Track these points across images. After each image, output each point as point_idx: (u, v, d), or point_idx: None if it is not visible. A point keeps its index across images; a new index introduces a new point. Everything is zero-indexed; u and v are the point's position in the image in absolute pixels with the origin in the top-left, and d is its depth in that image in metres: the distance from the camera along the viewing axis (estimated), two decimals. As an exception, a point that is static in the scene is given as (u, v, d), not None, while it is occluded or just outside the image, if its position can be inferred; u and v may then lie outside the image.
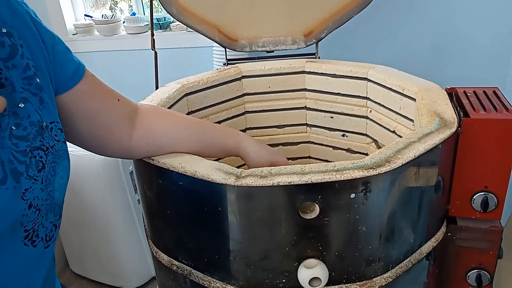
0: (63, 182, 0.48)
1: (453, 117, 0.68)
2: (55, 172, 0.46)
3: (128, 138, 0.61)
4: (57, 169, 0.47)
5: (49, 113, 0.47)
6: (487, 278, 0.75)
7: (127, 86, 1.81)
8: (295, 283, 0.60)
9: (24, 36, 0.46)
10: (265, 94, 1.02)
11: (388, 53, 1.52)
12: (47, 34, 0.50)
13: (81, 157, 1.33)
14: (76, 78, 0.53)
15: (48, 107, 0.47)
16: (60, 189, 0.48)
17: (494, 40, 1.42)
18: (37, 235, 0.45)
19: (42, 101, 0.47)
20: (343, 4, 1.00)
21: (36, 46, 0.48)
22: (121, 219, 1.44)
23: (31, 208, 0.43)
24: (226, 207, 0.58)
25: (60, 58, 0.52)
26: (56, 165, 0.47)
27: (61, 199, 0.49)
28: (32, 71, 0.46)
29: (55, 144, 0.47)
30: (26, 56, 0.46)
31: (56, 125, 0.48)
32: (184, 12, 1.00)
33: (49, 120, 0.47)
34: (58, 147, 0.47)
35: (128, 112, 0.61)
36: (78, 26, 1.89)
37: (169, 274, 0.71)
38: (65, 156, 0.49)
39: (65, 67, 0.52)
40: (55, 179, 0.46)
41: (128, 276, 1.55)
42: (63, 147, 0.49)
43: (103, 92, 0.58)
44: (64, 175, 0.48)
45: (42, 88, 0.47)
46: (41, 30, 0.49)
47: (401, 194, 0.60)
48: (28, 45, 0.47)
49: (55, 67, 0.51)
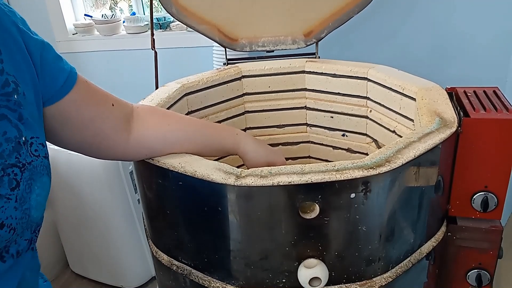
0: (41, 199, 0.46)
1: (453, 117, 0.68)
2: (31, 189, 0.45)
3: (124, 143, 0.60)
4: (34, 186, 0.45)
5: (30, 128, 0.46)
6: (487, 278, 0.75)
7: (127, 86, 1.82)
8: (295, 283, 0.60)
9: (8, 49, 0.45)
10: (265, 94, 1.02)
11: (388, 53, 1.52)
12: (35, 44, 0.49)
13: (81, 157, 1.32)
14: (66, 87, 0.52)
15: (28, 122, 0.46)
16: (37, 207, 0.46)
17: (494, 39, 1.42)
18: (7, 251, 0.44)
19: (21, 117, 0.45)
20: (343, 4, 1.00)
21: (21, 58, 0.46)
22: (121, 219, 1.44)
23: (4, 227, 0.41)
24: (226, 207, 0.58)
25: (49, 68, 0.50)
26: (33, 182, 0.45)
27: (39, 217, 0.47)
28: (11, 87, 0.44)
29: (33, 160, 0.45)
30: (6, 71, 0.44)
31: (36, 140, 0.47)
32: (184, 12, 1.00)
33: (29, 135, 0.46)
34: (36, 163, 0.46)
35: (123, 116, 0.60)
36: (78, 26, 1.89)
37: (169, 274, 0.71)
38: (45, 172, 0.47)
39: (55, 77, 0.51)
40: (32, 197, 0.45)
41: (128, 276, 1.54)
42: (43, 163, 0.47)
43: (97, 99, 0.57)
44: (42, 192, 0.46)
45: (21, 105, 0.45)
46: (28, 41, 0.48)
47: (401, 194, 0.60)
48: (12, 58, 0.45)
49: (44, 78, 0.50)
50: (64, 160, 1.36)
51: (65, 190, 1.42)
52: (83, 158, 1.36)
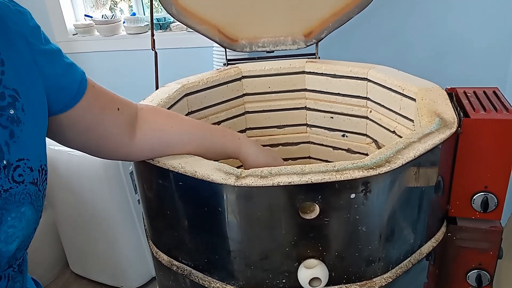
0: (16, 231, 0.42)
1: (453, 117, 0.68)
2: (1, 220, 0.40)
3: (127, 145, 0.61)
4: (6, 217, 0.41)
5: (19, 148, 0.42)
6: (487, 278, 0.75)
7: (127, 87, 1.81)
8: (295, 283, 0.60)
9: (11, 61, 0.43)
10: (265, 94, 1.02)
11: (388, 53, 1.52)
12: (45, 56, 0.48)
13: (81, 157, 1.33)
14: (77, 96, 0.52)
15: (20, 141, 0.43)
16: (7, 240, 0.41)
17: (494, 40, 1.42)
18: None
19: (13, 135, 0.42)
20: (343, 4, 1.00)
21: (25, 72, 0.45)
22: (121, 219, 1.44)
23: None
24: (226, 207, 0.58)
25: (61, 80, 0.50)
26: (6, 212, 0.41)
27: (12, 250, 0.42)
28: (7, 101, 0.42)
29: (11, 187, 0.41)
30: (4, 84, 0.42)
31: (26, 162, 0.43)
32: (184, 12, 1.00)
33: (16, 157, 0.42)
34: (16, 190, 0.42)
35: (128, 119, 0.60)
36: (78, 26, 1.89)
37: (169, 274, 0.71)
38: (26, 201, 0.42)
39: (67, 88, 0.51)
40: (1, 229, 0.40)
41: (128, 276, 1.55)
42: (26, 191, 0.42)
43: (103, 103, 0.57)
44: (18, 224, 0.42)
45: (16, 121, 0.42)
46: (38, 54, 0.47)
47: (401, 194, 0.60)
48: (15, 71, 0.43)
49: (56, 91, 0.49)
50: (64, 160, 1.36)
51: (65, 190, 1.42)
52: (83, 158, 1.37)
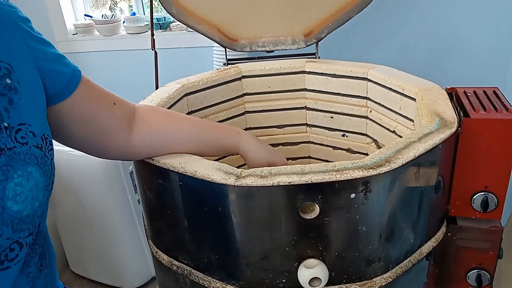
0: (24, 190, 0.43)
1: (453, 117, 0.68)
2: (7, 176, 0.42)
3: (126, 141, 0.60)
4: (12, 173, 0.42)
5: (19, 114, 0.44)
6: (487, 278, 0.75)
7: (127, 86, 1.81)
8: (295, 283, 0.60)
9: (2, 38, 0.45)
10: (265, 94, 1.02)
11: (388, 53, 1.52)
12: (36, 40, 0.49)
13: (81, 157, 1.33)
14: (72, 85, 0.52)
15: (20, 108, 0.44)
16: (16, 198, 0.42)
17: (494, 40, 1.42)
18: None
19: (11, 102, 0.44)
20: (343, 4, 1.00)
21: (16, 51, 0.46)
22: (121, 219, 1.44)
23: None
24: (226, 207, 0.58)
25: (54, 65, 0.50)
26: (11, 168, 0.42)
27: (24, 212, 0.43)
28: (2, 72, 0.44)
29: (15, 146, 0.43)
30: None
31: (28, 127, 0.45)
32: (184, 12, 1.00)
33: (17, 121, 0.44)
34: (20, 150, 0.43)
35: (125, 115, 0.60)
36: (78, 26, 1.89)
37: (169, 274, 0.71)
38: (32, 162, 0.44)
39: (60, 74, 0.51)
40: (7, 185, 0.42)
41: (128, 276, 1.54)
42: (30, 152, 0.44)
43: (99, 97, 0.57)
44: (26, 183, 0.43)
45: (13, 89, 0.44)
46: (29, 37, 0.48)
47: (401, 194, 0.60)
48: (6, 48, 0.45)
49: (49, 75, 0.49)
50: (64, 160, 1.36)
51: (65, 190, 1.42)
52: (83, 158, 1.37)
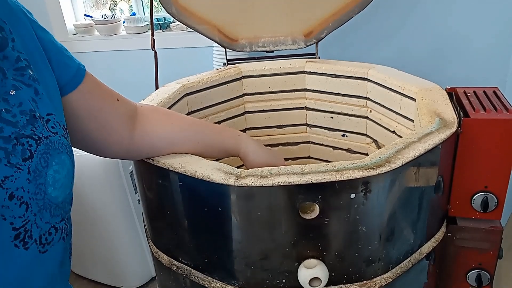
0: (60, 177, 0.45)
1: (453, 117, 0.68)
2: (47, 164, 0.43)
3: (128, 138, 0.61)
4: (51, 161, 0.44)
5: (45, 105, 0.46)
6: (487, 278, 0.75)
7: (127, 86, 1.81)
8: (295, 283, 0.60)
9: (18, 32, 0.46)
10: (265, 94, 1.02)
11: (388, 53, 1.52)
12: (43, 32, 0.50)
13: (81, 157, 1.32)
14: (78, 77, 0.53)
15: (44, 98, 0.46)
16: (55, 185, 0.44)
17: (494, 40, 1.42)
18: (31, 236, 0.42)
19: (37, 92, 0.45)
20: (343, 4, 1.00)
21: (30, 42, 0.47)
22: (121, 219, 1.44)
23: (13, 199, 0.40)
24: (226, 207, 0.58)
25: (61, 56, 0.51)
26: (50, 156, 0.44)
27: (59, 198, 0.45)
28: (24, 63, 0.45)
29: (50, 135, 0.45)
30: (17, 49, 0.45)
31: (54, 117, 0.46)
32: (184, 12, 1.00)
33: (45, 112, 0.46)
34: (53, 139, 0.45)
35: (128, 112, 0.61)
36: (78, 26, 1.89)
37: (169, 274, 0.71)
38: (64, 150, 0.46)
39: (67, 65, 0.52)
40: (48, 172, 0.43)
41: (128, 276, 1.54)
42: (61, 141, 0.46)
43: (103, 93, 0.58)
44: (61, 170, 0.45)
45: (36, 80, 0.46)
46: (37, 28, 0.49)
47: (401, 194, 0.60)
48: (22, 41, 0.46)
49: (57, 65, 0.50)
50: (64, 160, 1.36)
51: (65, 190, 1.42)
52: (83, 158, 1.37)
